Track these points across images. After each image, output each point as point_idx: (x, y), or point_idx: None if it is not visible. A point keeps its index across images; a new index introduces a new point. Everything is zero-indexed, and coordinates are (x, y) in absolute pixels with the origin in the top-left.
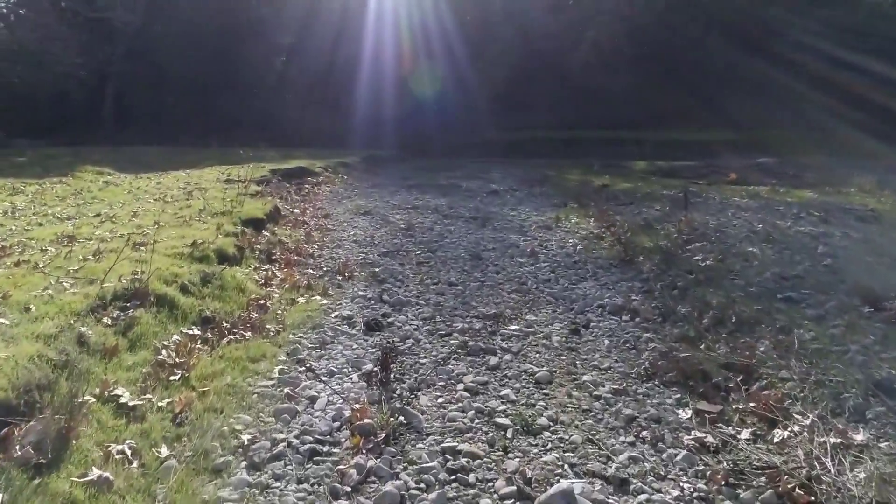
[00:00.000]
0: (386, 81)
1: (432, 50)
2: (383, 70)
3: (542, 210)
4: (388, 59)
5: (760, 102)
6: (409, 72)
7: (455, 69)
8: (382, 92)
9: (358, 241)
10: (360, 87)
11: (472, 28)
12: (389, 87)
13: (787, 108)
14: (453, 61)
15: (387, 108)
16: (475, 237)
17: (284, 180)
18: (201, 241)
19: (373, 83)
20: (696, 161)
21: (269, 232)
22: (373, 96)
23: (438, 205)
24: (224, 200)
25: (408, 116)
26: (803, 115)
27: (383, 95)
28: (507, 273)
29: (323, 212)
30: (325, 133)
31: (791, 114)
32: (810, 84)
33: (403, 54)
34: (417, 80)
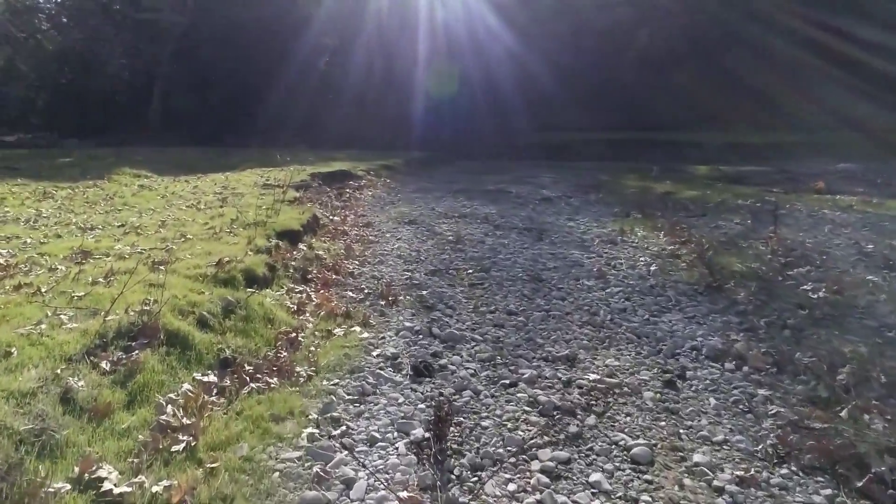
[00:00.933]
0: (429, 82)
1: (477, 50)
2: (426, 71)
3: (603, 221)
4: (431, 59)
5: (820, 103)
6: (454, 72)
7: (500, 69)
8: (425, 93)
9: (402, 257)
10: (403, 87)
11: (518, 27)
12: (432, 88)
13: (852, 110)
14: (498, 61)
15: (429, 110)
16: (532, 253)
17: (325, 184)
18: (228, 259)
19: (415, 84)
20: (765, 166)
21: (305, 245)
22: (415, 97)
23: (488, 213)
24: (259, 208)
25: (451, 118)
26: (873, 118)
27: (425, 96)
28: (573, 300)
29: (364, 220)
30: (366, 134)
31: (857, 116)
32: (881, 85)
33: (446, 55)
34: (462, 80)
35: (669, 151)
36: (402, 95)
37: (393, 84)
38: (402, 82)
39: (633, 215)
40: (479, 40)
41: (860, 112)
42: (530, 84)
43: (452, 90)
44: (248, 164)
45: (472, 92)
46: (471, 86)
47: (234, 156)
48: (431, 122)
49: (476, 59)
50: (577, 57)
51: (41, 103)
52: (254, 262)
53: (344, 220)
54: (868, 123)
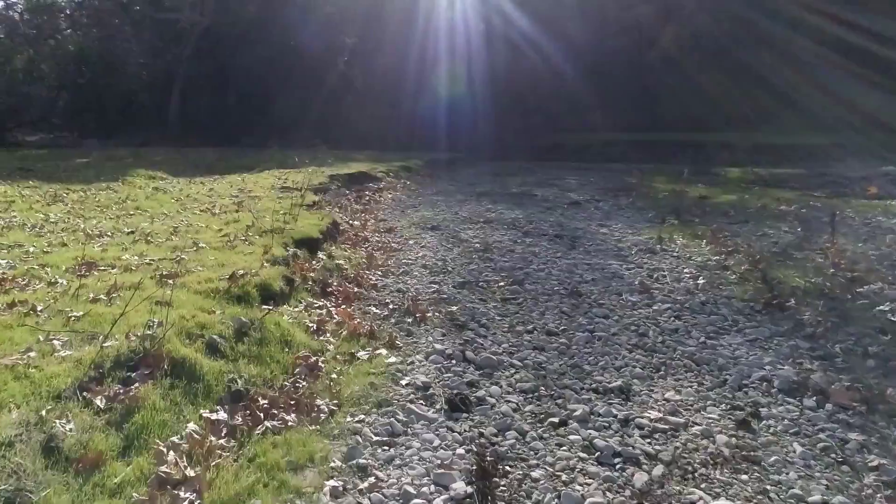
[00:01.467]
0: (448, 82)
1: (497, 48)
2: (445, 70)
3: (637, 227)
4: (450, 58)
5: (846, 104)
6: (474, 72)
7: (521, 68)
8: (444, 93)
9: (428, 266)
10: (421, 87)
11: (540, 24)
12: (451, 88)
13: (879, 111)
14: (521, 60)
15: (449, 110)
16: (566, 263)
17: (344, 187)
18: (242, 271)
19: (434, 84)
20: (798, 168)
21: (325, 254)
22: (434, 97)
23: (515, 218)
24: (276, 213)
25: (471, 118)
26: None
27: (444, 96)
28: (618, 318)
29: (386, 225)
30: (385, 135)
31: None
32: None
33: (468, 54)
34: (481, 79)
35: (696, 153)
36: (421, 95)
37: (412, 83)
38: (420, 82)
39: (669, 221)
40: (499, 38)
41: (887, 113)
42: (552, 83)
43: (472, 90)
44: (266, 165)
45: (493, 91)
46: (491, 85)
47: (252, 156)
48: (451, 122)
49: (496, 58)
50: (600, 56)
51: (62, 103)
52: (270, 276)
53: (364, 226)
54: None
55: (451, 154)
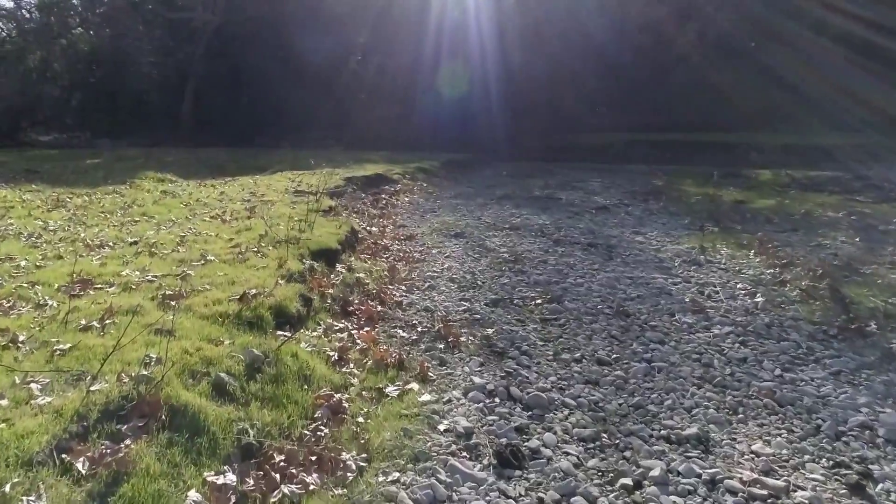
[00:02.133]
0: (463, 81)
1: (514, 47)
2: (461, 69)
3: (675, 235)
4: (466, 57)
5: (867, 105)
6: (490, 70)
7: (540, 67)
8: (458, 92)
9: (455, 280)
10: (435, 87)
11: (559, 21)
12: (467, 87)
13: None
14: (537, 58)
15: (463, 110)
16: (606, 277)
17: (360, 190)
18: (255, 291)
19: (448, 83)
20: (832, 170)
21: (344, 266)
22: (448, 96)
23: (542, 225)
24: (291, 220)
25: (486, 118)
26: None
27: (459, 95)
28: (675, 343)
29: (405, 232)
30: (399, 134)
31: None
32: None
33: (482, 52)
34: (497, 79)
35: (720, 154)
36: (435, 94)
37: (425, 83)
38: (434, 81)
39: (708, 229)
40: (514, 37)
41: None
42: (569, 83)
43: (486, 89)
44: (279, 166)
45: (507, 91)
46: (506, 84)
47: (265, 157)
48: (466, 122)
49: (511, 57)
50: (619, 55)
51: (75, 103)
52: (286, 295)
53: (383, 232)
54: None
55: (467, 154)
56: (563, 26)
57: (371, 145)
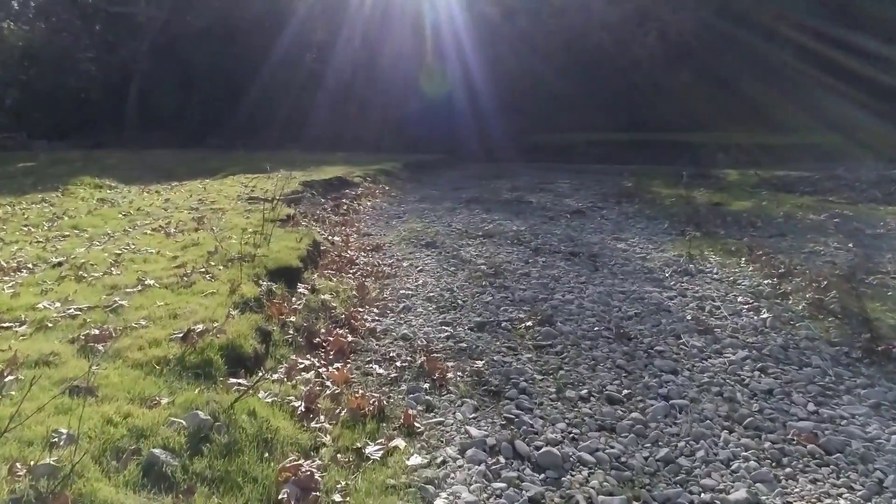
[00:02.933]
0: (424, 80)
1: (477, 45)
2: (421, 68)
3: (658, 241)
4: (427, 56)
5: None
6: (451, 69)
7: (501, 66)
8: (420, 91)
9: (433, 300)
10: (397, 86)
11: (521, 20)
12: (428, 87)
13: (844, 115)
14: (500, 57)
15: (424, 109)
16: (597, 292)
17: (319, 195)
18: (202, 325)
19: (410, 82)
20: (803, 171)
21: (307, 287)
22: (410, 96)
23: (517, 231)
24: (245, 232)
25: (448, 118)
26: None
27: (419, 95)
28: (689, 372)
29: (372, 241)
30: (359, 135)
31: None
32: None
33: (443, 52)
34: (460, 78)
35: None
36: (397, 94)
37: (386, 82)
38: (396, 80)
39: (690, 234)
40: (480, 35)
41: (854, 117)
42: (533, 81)
43: (450, 88)
44: (233, 169)
45: (472, 90)
46: (470, 83)
47: (218, 159)
48: (429, 122)
49: (476, 55)
50: (583, 54)
51: (10, 102)
52: (240, 331)
53: (347, 243)
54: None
55: (430, 155)
56: (526, 26)
57: (330, 146)
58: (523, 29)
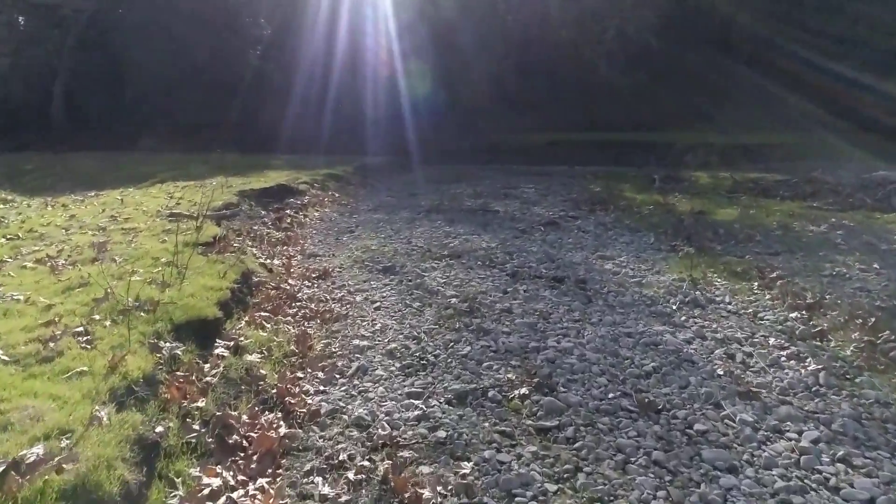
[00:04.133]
0: (375, 79)
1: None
2: (372, 66)
3: (648, 259)
4: (378, 54)
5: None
6: (403, 67)
7: (456, 63)
8: (371, 90)
9: (396, 354)
10: (346, 85)
11: (476, 16)
12: (380, 86)
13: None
14: (454, 54)
15: (376, 109)
16: (598, 334)
17: (259, 206)
18: (40, 448)
19: (360, 81)
20: (782, 174)
21: (227, 344)
22: (360, 95)
23: (488, 249)
24: (156, 264)
25: (402, 118)
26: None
27: (372, 94)
28: (755, 473)
29: (318, 264)
30: (307, 137)
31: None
32: None
33: (395, 48)
34: (412, 76)
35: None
36: (349, 94)
37: (338, 81)
38: (348, 80)
39: (683, 249)
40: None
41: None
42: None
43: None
44: (165, 175)
45: (425, 89)
46: (423, 83)
47: (150, 164)
48: (383, 122)
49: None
50: (541, 51)
51: None
52: (102, 456)
53: (288, 269)
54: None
55: (384, 157)
56: (482, 22)
57: (275, 149)
58: (480, 26)
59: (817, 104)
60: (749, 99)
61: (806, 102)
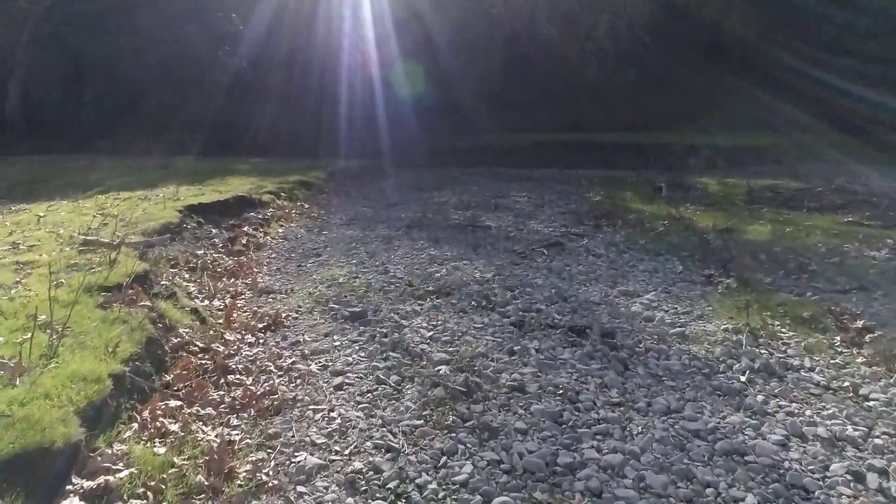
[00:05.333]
0: (353, 77)
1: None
2: (350, 64)
3: (684, 296)
4: (356, 50)
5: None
6: (385, 64)
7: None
8: (351, 88)
9: (358, 485)
10: (322, 84)
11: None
12: (360, 83)
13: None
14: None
15: (356, 108)
16: (652, 434)
17: (209, 223)
18: None
19: (337, 80)
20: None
21: (84, 491)
22: (337, 95)
23: (482, 281)
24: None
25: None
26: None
27: (351, 92)
28: None
29: (269, 306)
30: (280, 137)
31: None
32: None
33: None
34: (395, 73)
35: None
36: (324, 93)
37: (312, 80)
38: (322, 78)
39: (720, 282)
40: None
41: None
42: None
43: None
44: (113, 182)
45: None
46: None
47: (101, 169)
48: (360, 123)
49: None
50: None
51: None
52: None
53: (229, 315)
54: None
55: (361, 161)
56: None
57: (245, 152)
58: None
59: (805, 107)
60: (737, 101)
61: (793, 106)
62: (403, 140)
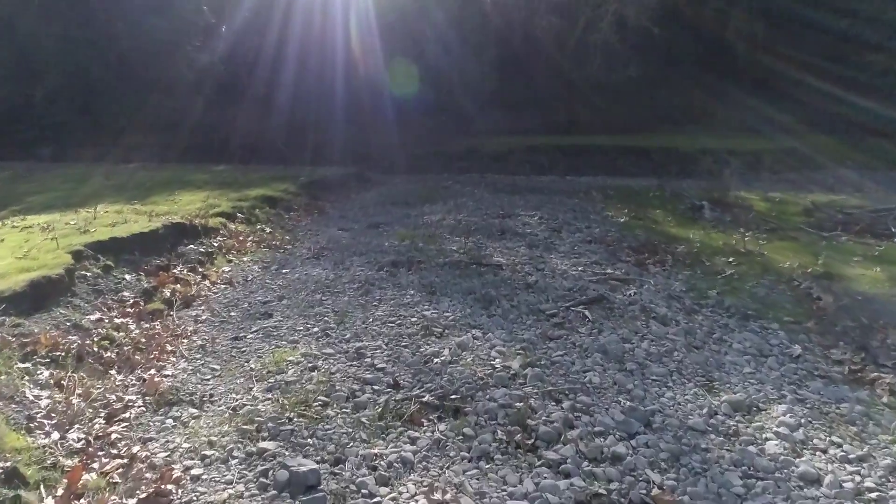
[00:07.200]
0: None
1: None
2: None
3: (833, 412)
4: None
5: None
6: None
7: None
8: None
9: None
10: (301, 83)
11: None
12: (340, 84)
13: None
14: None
15: (335, 110)
16: None
17: (121, 264)
18: None
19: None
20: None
21: None
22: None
23: (506, 378)
24: None
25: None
26: None
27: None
28: None
29: (157, 452)
30: (251, 142)
31: None
32: None
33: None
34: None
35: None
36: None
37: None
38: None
39: (869, 377)
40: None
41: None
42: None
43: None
44: (33, 200)
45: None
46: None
47: (35, 180)
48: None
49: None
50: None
51: None
52: None
53: (73, 485)
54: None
55: (340, 168)
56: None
57: (211, 157)
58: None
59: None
60: (736, 103)
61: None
62: (387, 144)
